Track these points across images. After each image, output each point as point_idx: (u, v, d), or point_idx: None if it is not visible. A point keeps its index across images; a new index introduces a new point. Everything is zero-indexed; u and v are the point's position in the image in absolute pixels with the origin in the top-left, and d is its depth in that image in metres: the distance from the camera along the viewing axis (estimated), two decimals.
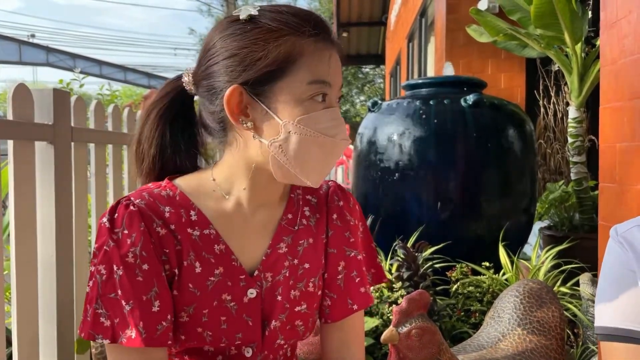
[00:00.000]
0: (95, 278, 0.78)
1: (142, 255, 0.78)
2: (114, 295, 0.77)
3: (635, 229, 0.95)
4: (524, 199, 2.83)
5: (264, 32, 0.77)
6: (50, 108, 1.59)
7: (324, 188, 0.97)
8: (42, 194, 1.58)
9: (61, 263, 1.64)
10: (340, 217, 0.95)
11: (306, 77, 0.78)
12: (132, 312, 0.76)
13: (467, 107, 2.70)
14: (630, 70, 1.51)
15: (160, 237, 0.80)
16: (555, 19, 2.83)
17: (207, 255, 0.83)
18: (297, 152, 0.78)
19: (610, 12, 1.61)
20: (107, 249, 0.78)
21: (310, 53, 0.78)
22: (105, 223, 0.79)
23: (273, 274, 0.87)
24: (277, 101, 0.78)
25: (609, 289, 0.95)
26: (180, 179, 0.88)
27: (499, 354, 1.59)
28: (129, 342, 0.75)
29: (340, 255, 0.94)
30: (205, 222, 0.84)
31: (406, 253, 2.22)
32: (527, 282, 1.73)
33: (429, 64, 6.46)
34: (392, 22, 10.04)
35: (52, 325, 1.61)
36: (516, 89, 4.82)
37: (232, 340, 0.84)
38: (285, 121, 0.78)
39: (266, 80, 0.78)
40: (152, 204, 0.82)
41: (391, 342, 1.33)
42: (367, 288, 0.96)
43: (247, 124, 0.79)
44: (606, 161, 1.65)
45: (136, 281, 0.77)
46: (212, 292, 0.83)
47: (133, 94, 17.01)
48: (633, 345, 0.89)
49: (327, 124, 0.79)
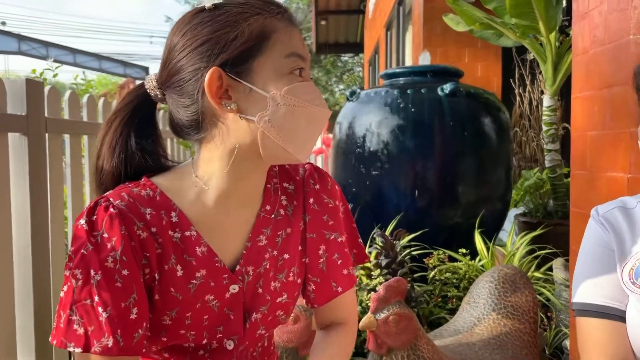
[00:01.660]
0: (70, 283, 0.74)
1: (122, 260, 0.75)
2: (90, 301, 0.73)
3: (616, 210, 0.99)
4: (500, 187, 2.88)
5: (234, 15, 0.78)
6: (24, 99, 1.56)
7: (300, 172, 0.96)
8: (16, 186, 1.56)
9: (37, 254, 1.62)
10: (318, 200, 0.94)
11: (283, 51, 0.79)
12: (110, 319, 0.73)
13: (444, 96, 2.73)
14: (600, 60, 1.54)
15: (141, 240, 0.78)
16: (530, 8, 2.87)
17: (188, 257, 0.81)
18: (287, 123, 0.78)
19: (582, 2, 1.64)
20: (85, 253, 0.74)
21: (281, 29, 0.80)
22: (83, 225, 0.76)
23: (254, 267, 0.87)
24: (259, 77, 0.78)
25: (588, 267, 0.99)
26: (160, 177, 0.85)
27: (474, 338, 1.63)
28: (104, 350, 0.73)
29: (320, 240, 0.94)
30: (186, 224, 0.82)
31: (384, 241, 2.25)
32: (502, 268, 1.77)
33: (406, 53, 6.48)
34: (370, 10, 10.02)
35: (29, 316, 1.60)
36: (492, 77, 4.88)
37: (214, 334, 0.84)
38: (272, 93, 0.77)
39: (245, 58, 0.77)
40: (133, 205, 0.79)
41: (369, 329, 1.36)
42: (350, 269, 0.97)
43: (230, 106, 0.78)
44: (577, 149, 1.68)
45: (115, 287, 0.74)
46: (194, 295, 0.81)
47: (108, 83, 16.69)
48: (607, 321, 0.93)
49: (311, 95, 0.80)
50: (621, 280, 0.93)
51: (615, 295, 0.93)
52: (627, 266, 0.93)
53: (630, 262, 0.93)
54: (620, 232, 0.96)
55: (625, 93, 1.41)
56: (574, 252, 1.70)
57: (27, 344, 1.60)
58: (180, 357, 0.86)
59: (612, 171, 1.48)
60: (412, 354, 1.37)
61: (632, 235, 0.95)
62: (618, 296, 0.93)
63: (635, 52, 1.36)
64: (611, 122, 1.48)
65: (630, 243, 0.95)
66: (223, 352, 0.86)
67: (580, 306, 0.97)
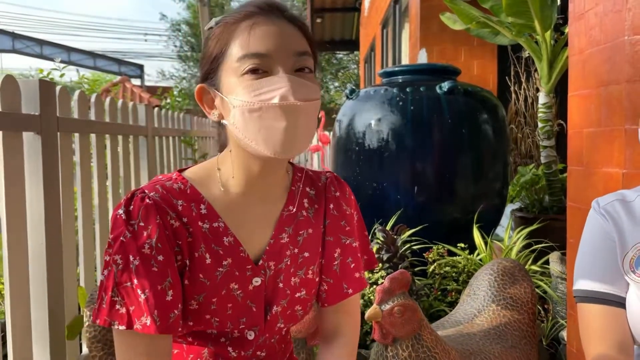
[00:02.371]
0: (111, 267, 0.80)
1: (157, 246, 0.81)
2: (130, 284, 0.79)
3: (616, 202, 1.04)
4: (497, 183, 2.93)
5: (214, 33, 0.87)
6: (37, 99, 1.60)
7: (322, 179, 1.02)
8: (30, 184, 1.60)
9: (51, 252, 1.66)
10: (337, 207, 1.01)
11: (237, 55, 0.83)
12: (148, 300, 0.79)
13: (442, 94, 2.78)
14: (596, 60, 1.59)
15: (174, 229, 0.84)
16: (526, 7, 2.92)
17: (216, 247, 0.87)
18: (243, 124, 0.82)
19: (579, 3, 1.69)
20: (124, 240, 0.80)
21: (241, 32, 0.83)
22: (122, 215, 0.82)
23: (276, 262, 0.92)
24: (223, 85, 0.85)
25: (589, 256, 1.04)
26: (189, 172, 0.92)
27: (475, 328, 1.68)
28: (144, 328, 0.78)
29: (337, 243, 1.00)
30: (214, 216, 0.88)
31: (385, 236, 2.30)
32: (501, 261, 1.82)
33: (403, 51, 6.53)
34: (366, 8, 10.05)
35: (43, 312, 1.64)
36: (488, 75, 4.92)
37: (237, 324, 0.90)
38: (229, 98, 0.83)
39: (213, 69, 0.86)
40: (166, 197, 0.85)
41: (375, 319, 1.40)
42: (361, 273, 1.02)
43: (215, 115, 0.88)
44: (574, 145, 1.74)
45: (152, 271, 0.80)
46: (220, 281, 0.87)
47: (103, 80, 16.63)
48: (608, 307, 0.98)
49: (262, 90, 0.80)
50: (622, 269, 0.98)
51: (616, 283, 0.98)
52: (628, 256, 0.98)
53: (631, 252, 0.98)
54: (620, 223, 1.01)
55: (620, 91, 1.47)
56: (571, 244, 1.75)
57: (42, 339, 1.64)
58: (203, 343, 0.91)
59: (608, 166, 1.53)
60: (416, 343, 1.42)
61: (632, 226, 1.00)
62: (618, 284, 0.98)
63: (630, 53, 1.42)
64: (607, 120, 1.54)
65: (630, 234, 0.99)
66: (244, 341, 0.91)
67: (582, 293, 1.02)
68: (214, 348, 0.91)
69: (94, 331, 1.49)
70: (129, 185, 2.71)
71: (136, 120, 2.87)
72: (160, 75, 25.52)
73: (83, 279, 2.08)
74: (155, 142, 3.26)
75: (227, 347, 0.91)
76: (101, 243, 2.28)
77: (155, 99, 7.84)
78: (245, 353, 0.92)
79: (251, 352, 0.92)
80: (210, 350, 0.91)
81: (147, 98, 11.18)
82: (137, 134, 2.91)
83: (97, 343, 1.50)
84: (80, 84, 3.31)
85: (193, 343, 0.92)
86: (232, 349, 0.91)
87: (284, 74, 0.82)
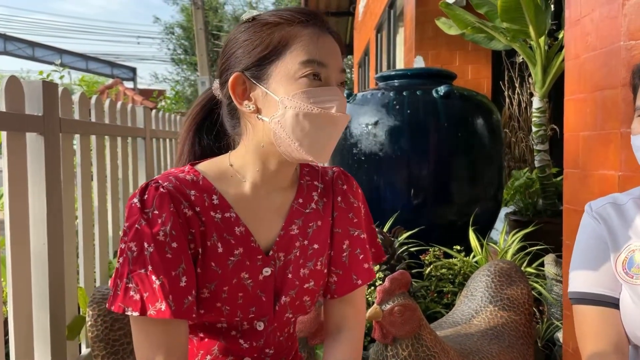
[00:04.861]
0: (126, 254, 0.82)
1: (171, 234, 0.83)
2: (144, 270, 0.81)
3: (608, 205, 1.07)
4: (492, 186, 2.96)
5: (260, 25, 0.88)
6: (40, 99, 1.61)
7: (329, 174, 1.05)
8: (33, 184, 1.61)
9: (53, 252, 1.67)
10: (344, 199, 1.03)
11: (299, 58, 0.86)
12: (162, 286, 0.80)
13: (438, 98, 2.81)
14: (592, 65, 1.63)
15: (187, 217, 0.86)
16: (520, 13, 2.96)
17: (228, 236, 0.90)
18: (294, 125, 0.85)
19: (574, 10, 1.73)
20: (139, 228, 0.82)
21: (301, 37, 0.87)
22: (137, 203, 0.84)
23: (285, 253, 0.95)
24: (274, 81, 0.86)
25: (583, 258, 1.06)
26: (202, 165, 0.95)
27: (472, 329, 1.70)
28: (158, 314, 0.80)
29: (345, 235, 1.02)
30: (226, 206, 0.90)
31: (383, 238, 2.32)
32: (498, 263, 1.84)
33: (397, 55, 6.57)
34: (360, 12, 10.10)
35: (44, 312, 1.65)
36: (483, 80, 4.97)
37: (247, 314, 0.91)
38: (281, 97, 0.85)
39: (262, 63, 0.87)
40: (179, 187, 0.87)
41: (375, 319, 1.42)
42: (370, 264, 1.04)
43: (249, 107, 0.88)
44: (570, 149, 1.77)
45: (166, 258, 0.82)
46: (232, 270, 0.89)
47: (95, 82, 16.58)
48: (602, 308, 1.01)
49: (321, 98, 0.85)
50: (615, 271, 1.00)
51: (610, 284, 1.01)
52: (621, 257, 1.01)
53: (623, 253, 1.01)
54: (613, 225, 1.04)
55: (615, 96, 1.50)
56: (567, 246, 1.78)
57: (43, 342, 1.65)
58: (213, 337, 0.93)
59: (604, 169, 1.56)
60: (415, 342, 1.44)
61: (624, 228, 1.03)
62: (612, 285, 1.00)
63: (625, 58, 1.45)
64: (602, 123, 1.57)
65: (622, 236, 1.02)
66: (254, 333, 0.93)
67: (577, 295, 1.04)
68: (225, 342, 0.93)
69: (96, 331, 1.50)
70: (127, 186, 2.71)
71: (135, 122, 2.89)
72: (154, 78, 25.46)
73: (83, 279, 2.08)
74: (153, 144, 3.27)
75: (239, 340, 0.93)
76: (101, 243, 2.29)
77: (149, 101, 7.82)
78: (257, 343, 0.93)
79: (262, 341, 0.94)
80: (221, 345, 0.93)
81: (140, 101, 11.17)
82: (136, 136, 2.93)
83: (99, 342, 1.51)
84: (79, 85, 3.32)
85: (204, 339, 0.93)
86: (243, 341, 0.93)
87: (336, 87, 0.88)
